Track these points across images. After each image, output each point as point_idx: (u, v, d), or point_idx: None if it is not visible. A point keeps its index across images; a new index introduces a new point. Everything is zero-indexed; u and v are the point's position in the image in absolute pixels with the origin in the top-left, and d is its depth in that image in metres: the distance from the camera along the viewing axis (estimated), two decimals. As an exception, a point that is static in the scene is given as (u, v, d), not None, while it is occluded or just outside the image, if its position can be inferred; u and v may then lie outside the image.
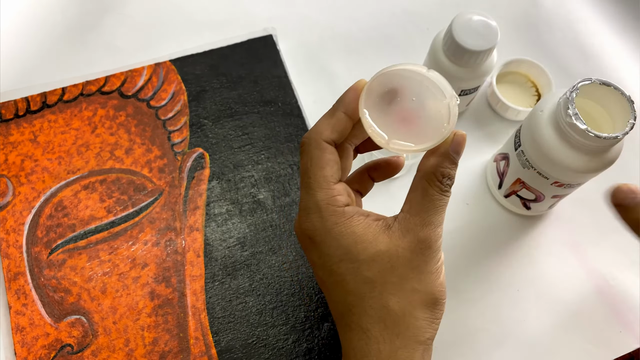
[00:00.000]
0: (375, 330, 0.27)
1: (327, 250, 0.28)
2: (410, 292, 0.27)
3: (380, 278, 0.27)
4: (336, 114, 0.29)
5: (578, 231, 0.44)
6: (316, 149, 0.28)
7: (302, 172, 0.29)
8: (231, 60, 0.48)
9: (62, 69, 0.47)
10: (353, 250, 0.27)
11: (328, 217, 0.28)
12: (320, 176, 0.28)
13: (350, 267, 0.28)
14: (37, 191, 0.42)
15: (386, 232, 0.28)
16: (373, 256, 0.27)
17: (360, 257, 0.27)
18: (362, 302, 0.28)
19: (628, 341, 0.40)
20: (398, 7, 0.53)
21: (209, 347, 0.38)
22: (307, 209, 0.29)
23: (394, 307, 0.27)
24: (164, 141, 0.44)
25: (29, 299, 0.38)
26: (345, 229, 0.28)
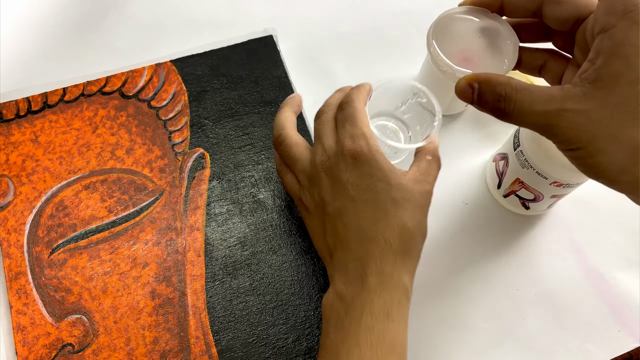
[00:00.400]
0: (395, 244, 0.32)
1: (369, 169, 0.33)
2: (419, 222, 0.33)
3: (402, 202, 0.33)
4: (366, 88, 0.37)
5: (577, 231, 0.44)
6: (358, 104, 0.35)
7: (347, 116, 0.35)
8: (232, 60, 0.48)
9: (63, 69, 0.47)
10: (388, 176, 0.33)
11: (373, 145, 0.34)
12: (362, 119, 0.35)
13: (385, 187, 0.33)
14: (38, 191, 0.42)
15: (404, 175, 0.34)
16: (399, 185, 0.33)
17: (392, 182, 0.33)
18: (387, 216, 0.32)
19: (627, 341, 0.40)
20: (398, 7, 0.53)
21: (210, 346, 0.38)
22: (353, 136, 0.34)
23: (409, 227, 0.32)
24: (164, 141, 0.45)
25: (30, 298, 0.38)
26: (382, 159, 0.33)
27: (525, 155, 0.38)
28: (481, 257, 0.43)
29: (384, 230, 0.32)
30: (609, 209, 0.45)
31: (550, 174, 0.37)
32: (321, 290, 0.40)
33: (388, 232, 0.32)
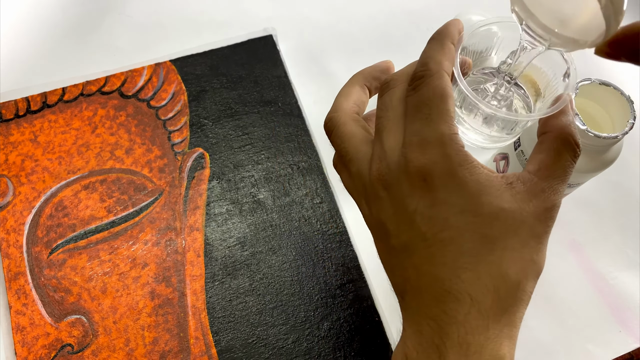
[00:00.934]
0: (486, 303, 0.23)
1: (447, 196, 0.23)
2: (528, 262, 0.24)
3: (501, 240, 0.23)
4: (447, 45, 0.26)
5: (578, 231, 0.44)
6: (439, 80, 0.25)
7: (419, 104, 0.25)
8: (231, 60, 0.48)
9: (63, 69, 0.47)
10: (477, 202, 0.23)
11: (453, 155, 0.23)
12: (443, 109, 0.24)
13: (471, 221, 0.23)
14: (37, 191, 0.42)
15: (509, 189, 0.24)
16: (497, 213, 0.23)
17: (484, 211, 0.23)
18: (477, 265, 0.23)
19: (627, 341, 0.40)
20: (398, 7, 0.53)
21: (209, 347, 0.38)
22: (424, 143, 0.24)
23: (512, 277, 0.23)
24: (164, 141, 0.44)
25: (29, 298, 0.38)
26: (469, 175, 0.23)
27: (526, 155, 0.38)
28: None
29: (472, 284, 0.23)
30: (610, 209, 0.45)
31: (551, 174, 0.37)
32: (321, 291, 0.40)
33: (477, 287, 0.23)
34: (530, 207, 0.24)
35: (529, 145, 0.37)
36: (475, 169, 0.24)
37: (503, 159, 0.42)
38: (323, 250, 0.42)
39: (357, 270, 0.41)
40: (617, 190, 0.46)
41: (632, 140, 0.46)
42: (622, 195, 0.46)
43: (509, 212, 0.23)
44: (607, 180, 0.46)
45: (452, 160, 0.23)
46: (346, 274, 0.41)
